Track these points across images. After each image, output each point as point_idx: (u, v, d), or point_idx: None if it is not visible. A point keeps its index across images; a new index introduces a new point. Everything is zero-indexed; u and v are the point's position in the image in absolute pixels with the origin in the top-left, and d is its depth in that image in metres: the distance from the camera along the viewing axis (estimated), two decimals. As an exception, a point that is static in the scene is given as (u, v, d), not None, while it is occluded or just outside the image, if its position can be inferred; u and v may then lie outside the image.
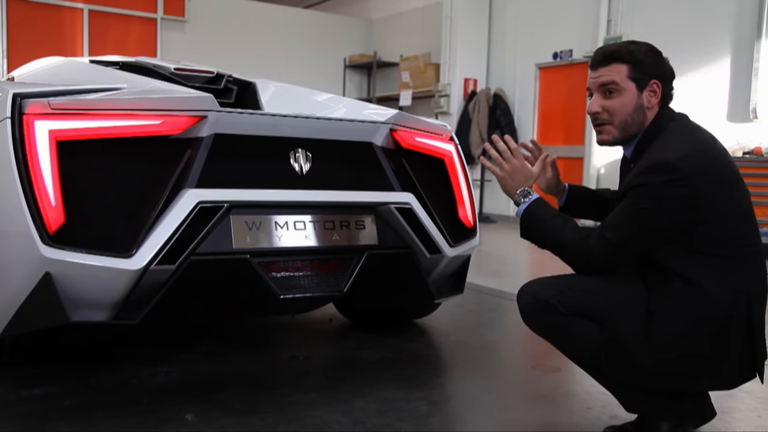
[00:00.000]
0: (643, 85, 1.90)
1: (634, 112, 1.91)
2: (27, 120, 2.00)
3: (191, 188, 2.14)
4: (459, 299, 3.49)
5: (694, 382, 1.85)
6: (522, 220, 2.00)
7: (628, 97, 1.90)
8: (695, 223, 1.77)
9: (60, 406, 2.16)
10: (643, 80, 1.89)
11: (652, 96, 1.90)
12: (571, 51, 8.47)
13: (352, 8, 12.41)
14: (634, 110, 1.91)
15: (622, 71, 1.90)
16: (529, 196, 1.99)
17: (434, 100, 9.74)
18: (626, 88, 1.90)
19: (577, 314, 1.87)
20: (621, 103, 1.91)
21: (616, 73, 1.90)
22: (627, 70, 1.89)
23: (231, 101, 3.16)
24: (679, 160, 1.76)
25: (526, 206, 1.98)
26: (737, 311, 1.77)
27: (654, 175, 1.77)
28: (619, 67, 1.90)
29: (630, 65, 1.89)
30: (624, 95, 1.91)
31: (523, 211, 1.99)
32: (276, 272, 2.30)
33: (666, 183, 1.75)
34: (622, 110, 1.92)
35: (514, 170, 2.02)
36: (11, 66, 8.52)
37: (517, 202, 2.01)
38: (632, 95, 1.90)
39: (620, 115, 1.92)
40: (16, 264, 2.02)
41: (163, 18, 9.84)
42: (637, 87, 1.90)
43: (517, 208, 2.01)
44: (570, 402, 2.37)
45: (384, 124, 2.61)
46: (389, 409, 2.23)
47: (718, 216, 1.79)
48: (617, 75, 1.90)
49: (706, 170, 1.78)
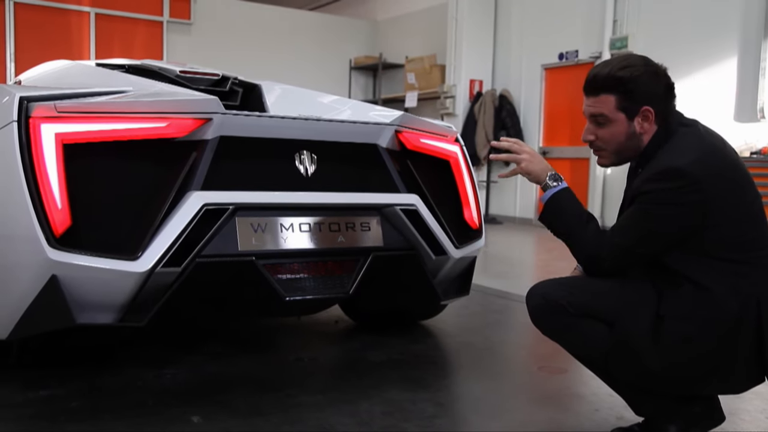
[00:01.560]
0: (633, 114, 1.86)
1: (626, 141, 1.89)
2: (33, 123, 2.01)
3: (197, 190, 2.14)
4: (465, 301, 3.49)
5: (702, 386, 1.84)
6: (546, 205, 1.96)
7: (619, 127, 1.88)
8: (705, 228, 1.76)
9: (66, 407, 2.17)
10: (633, 109, 1.86)
11: (645, 122, 1.87)
12: (577, 52, 8.45)
13: (357, 10, 12.42)
14: (626, 139, 1.89)
15: (610, 102, 1.86)
16: (560, 182, 1.95)
17: (440, 102, 9.74)
18: (615, 120, 1.87)
19: (586, 315, 1.86)
20: (611, 133, 1.89)
21: (604, 104, 1.87)
22: (615, 101, 1.86)
23: (236, 103, 3.17)
24: (688, 165, 1.75)
25: (554, 192, 1.94)
26: (747, 315, 1.76)
27: (663, 182, 1.76)
28: (607, 98, 1.86)
29: (618, 95, 1.85)
30: (614, 126, 1.88)
31: (550, 197, 1.95)
32: (281, 274, 2.31)
33: (675, 189, 1.74)
34: (614, 140, 1.90)
35: (532, 154, 2.00)
36: (19, 69, 8.56)
37: (546, 187, 1.95)
38: (622, 125, 1.87)
39: (612, 144, 1.91)
40: (22, 267, 2.03)
41: (169, 21, 9.87)
42: (627, 116, 1.87)
43: (544, 193, 1.96)
44: (577, 404, 2.37)
45: (389, 126, 2.61)
46: (395, 410, 2.23)
47: (729, 220, 1.78)
48: (605, 107, 1.87)
49: (717, 175, 1.77)
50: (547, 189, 1.96)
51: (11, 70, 8.80)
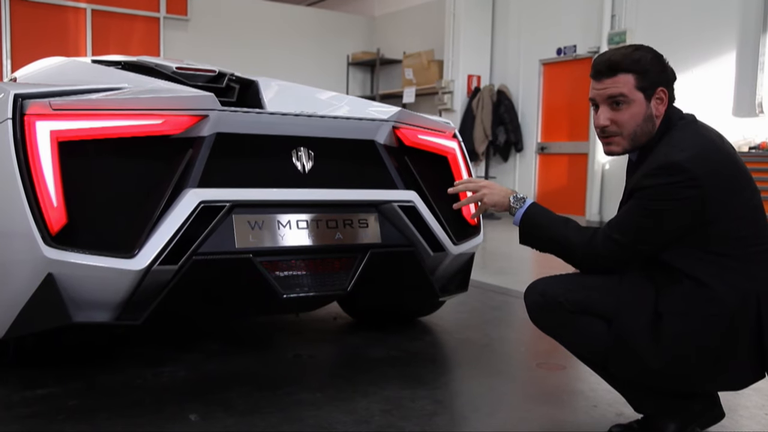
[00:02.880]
0: (651, 94, 1.85)
1: (643, 123, 1.87)
2: (28, 121, 2.00)
3: (193, 188, 2.13)
4: (463, 297, 3.48)
5: (702, 383, 1.84)
6: (521, 226, 1.98)
7: (637, 107, 1.86)
8: (703, 224, 1.76)
9: (64, 406, 2.16)
10: (650, 89, 1.85)
11: (660, 104, 1.87)
12: (575, 46, 8.44)
13: (354, 5, 12.39)
14: (643, 120, 1.87)
15: (629, 82, 1.85)
16: (524, 201, 1.98)
17: (438, 97, 9.72)
18: (635, 99, 1.85)
19: (584, 312, 1.85)
20: (631, 115, 1.86)
21: (624, 84, 1.85)
22: (634, 80, 1.84)
23: (233, 100, 3.15)
24: (686, 160, 1.74)
25: (523, 212, 1.97)
26: (746, 311, 1.75)
27: (662, 177, 1.75)
28: (626, 78, 1.85)
29: (637, 75, 1.84)
30: (633, 106, 1.86)
31: (521, 217, 1.97)
32: (279, 271, 2.30)
33: (674, 184, 1.73)
34: (632, 121, 1.87)
35: (490, 186, 2.05)
36: (15, 66, 8.53)
37: (513, 211, 1.99)
38: (641, 106, 1.86)
39: (630, 126, 1.88)
40: (18, 265, 2.02)
41: (166, 17, 9.84)
42: (645, 97, 1.85)
43: (514, 216, 1.99)
44: (575, 400, 2.36)
45: (386, 122, 2.60)
46: (393, 408, 2.22)
47: (727, 216, 1.77)
48: (624, 86, 1.85)
49: (715, 170, 1.76)
50: (515, 212, 1.98)
51: (7, 67, 8.77)
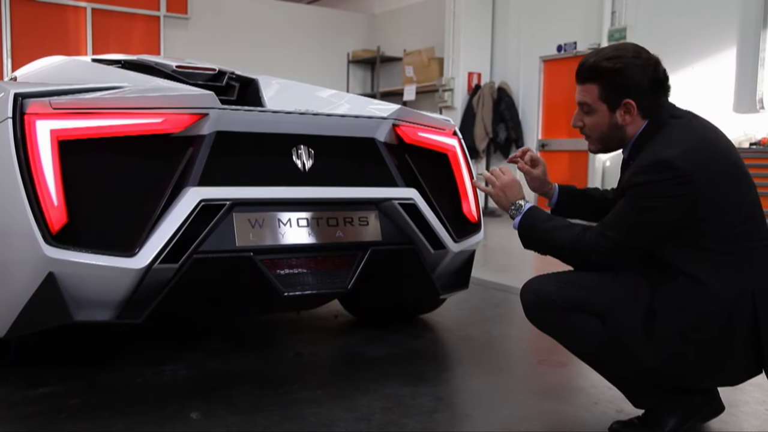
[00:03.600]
0: (615, 106, 1.89)
1: (608, 131, 1.93)
2: (28, 120, 2.00)
3: (193, 186, 2.14)
4: (464, 294, 3.48)
5: (699, 379, 1.84)
6: (519, 231, 2.01)
7: (601, 117, 1.92)
8: (697, 220, 1.76)
9: (65, 405, 2.17)
10: (614, 101, 1.88)
11: (627, 114, 1.89)
12: (575, 43, 8.43)
13: (355, 3, 12.38)
14: (608, 129, 1.93)
15: (593, 92, 1.90)
16: (521, 209, 2.01)
17: (438, 95, 9.71)
18: (598, 109, 1.91)
19: (579, 310, 1.86)
20: (595, 122, 1.94)
21: (589, 94, 1.91)
22: (598, 91, 1.89)
23: (233, 98, 3.15)
24: (676, 157, 1.74)
25: (520, 218, 2.01)
26: (742, 307, 1.75)
27: (651, 174, 1.76)
28: (591, 88, 1.90)
29: (601, 87, 1.88)
30: (596, 115, 1.92)
31: (519, 223, 2.01)
32: (280, 269, 2.30)
33: (664, 181, 1.74)
34: (596, 128, 1.95)
35: (504, 185, 2.05)
36: (16, 66, 8.53)
37: (513, 217, 2.03)
38: (604, 115, 1.91)
39: (595, 132, 1.96)
40: (19, 264, 2.02)
41: (166, 15, 9.83)
42: (609, 108, 1.90)
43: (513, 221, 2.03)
44: (576, 397, 2.36)
45: (386, 120, 2.60)
46: (394, 405, 2.22)
47: (721, 212, 1.77)
48: (589, 96, 1.91)
49: (706, 166, 1.76)
50: (514, 219, 2.03)
51: (8, 66, 8.77)
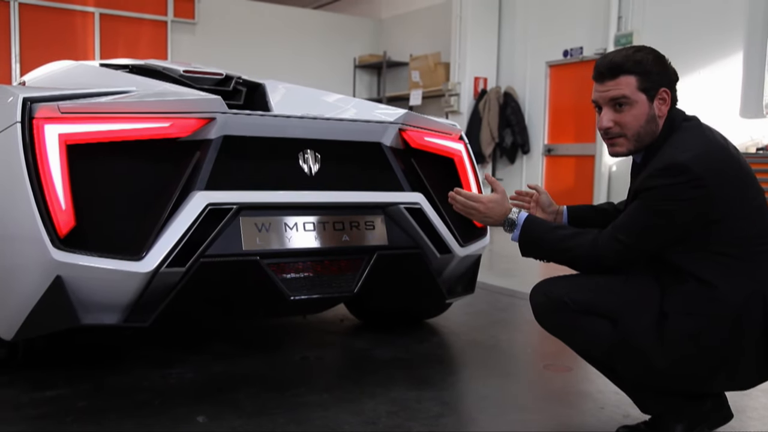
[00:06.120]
0: (653, 95, 1.86)
1: (646, 124, 1.87)
2: (37, 124, 2.01)
3: (200, 190, 2.14)
4: (470, 299, 3.47)
5: (708, 383, 1.83)
6: (520, 245, 2.00)
7: (640, 109, 1.86)
8: (708, 223, 1.76)
9: (72, 408, 2.17)
10: (653, 90, 1.86)
11: (662, 104, 1.87)
12: (582, 48, 8.42)
13: (361, 8, 12.40)
14: (646, 121, 1.87)
15: (631, 83, 1.86)
16: (515, 224, 2.00)
17: (444, 100, 9.71)
18: (637, 101, 1.86)
19: (589, 313, 1.85)
20: (633, 116, 1.87)
21: (626, 85, 1.86)
22: (636, 81, 1.85)
23: (240, 103, 3.17)
24: (691, 160, 1.74)
25: (518, 233, 1.99)
26: (752, 311, 1.75)
27: (666, 177, 1.75)
28: (627, 79, 1.86)
29: (639, 76, 1.85)
30: (636, 108, 1.87)
31: (518, 238, 2.00)
32: (286, 273, 2.30)
33: (678, 184, 1.73)
34: (635, 123, 1.87)
35: (487, 208, 2.05)
36: (24, 70, 8.57)
37: (510, 231, 2.02)
38: (644, 107, 1.86)
39: (633, 127, 1.88)
40: (27, 268, 2.03)
41: (174, 20, 9.87)
42: (648, 98, 1.86)
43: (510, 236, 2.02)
44: (583, 401, 2.36)
45: (393, 124, 2.60)
46: (400, 409, 2.22)
47: (732, 216, 1.77)
48: (627, 88, 1.86)
49: (719, 170, 1.76)
50: (512, 233, 2.02)
51: (16, 70, 8.82)
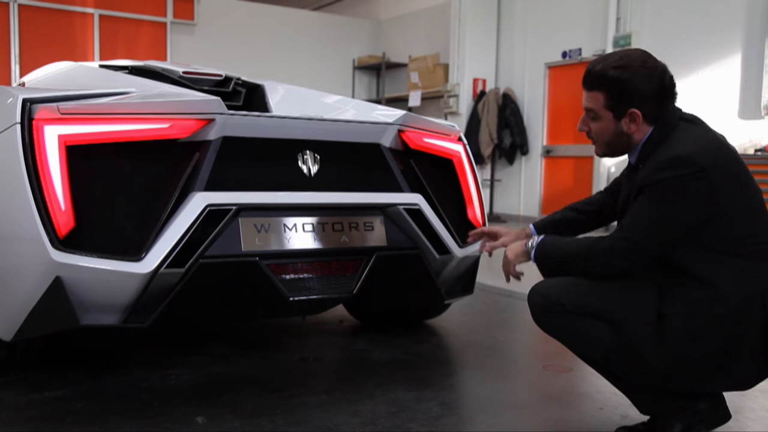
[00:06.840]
0: (620, 114, 1.88)
1: (614, 137, 1.93)
2: (36, 125, 2.02)
3: (200, 191, 2.15)
4: (469, 300, 3.48)
5: (707, 383, 1.83)
6: (538, 263, 2.01)
7: (606, 124, 1.92)
8: (712, 218, 1.76)
9: (72, 409, 2.18)
10: (619, 110, 1.88)
11: (632, 123, 1.89)
12: (580, 50, 8.43)
13: (360, 9, 12.41)
14: (613, 136, 1.93)
15: (599, 100, 1.90)
16: (533, 245, 2.00)
17: (443, 101, 9.72)
18: (603, 116, 1.91)
19: (587, 314, 1.85)
20: (600, 128, 1.94)
21: (594, 101, 1.91)
22: (604, 99, 1.89)
23: (239, 104, 3.17)
24: (695, 154, 1.75)
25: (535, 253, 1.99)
26: (751, 311, 1.75)
27: (671, 170, 1.75)
28: (597, 95, 1.90)
29: (607, 94, 1.88)
30: (602, 122, 1.93)
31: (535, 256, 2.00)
32: (285, 274, 2.30)
33: (684, 176, 1.74)
34: (602, 134, 1.95)
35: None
36: (24, 71, 8.58)
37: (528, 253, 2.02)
38: (609, 123, 1.91)
39: (601, 138, 1.96)
40: (26, 268, 2.03)
41: (173, 22, 9.88)
42: (614, 116, 1.89)
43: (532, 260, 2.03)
44: (581, 402, 2.36)
45: (392, 125, 2.60)
46: (399, 410, 2.22)
47: (731, 214, 1.77)
48: (595, 103, 1.91)
49: (721, 166, 1.77)
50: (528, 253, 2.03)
51: (16, 72, 8.82)
